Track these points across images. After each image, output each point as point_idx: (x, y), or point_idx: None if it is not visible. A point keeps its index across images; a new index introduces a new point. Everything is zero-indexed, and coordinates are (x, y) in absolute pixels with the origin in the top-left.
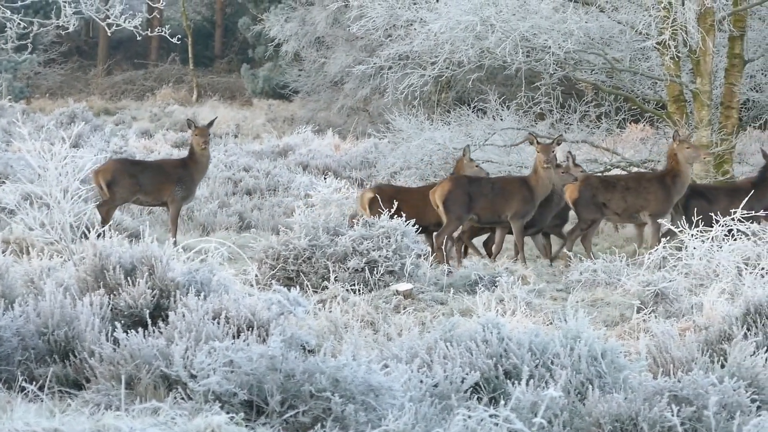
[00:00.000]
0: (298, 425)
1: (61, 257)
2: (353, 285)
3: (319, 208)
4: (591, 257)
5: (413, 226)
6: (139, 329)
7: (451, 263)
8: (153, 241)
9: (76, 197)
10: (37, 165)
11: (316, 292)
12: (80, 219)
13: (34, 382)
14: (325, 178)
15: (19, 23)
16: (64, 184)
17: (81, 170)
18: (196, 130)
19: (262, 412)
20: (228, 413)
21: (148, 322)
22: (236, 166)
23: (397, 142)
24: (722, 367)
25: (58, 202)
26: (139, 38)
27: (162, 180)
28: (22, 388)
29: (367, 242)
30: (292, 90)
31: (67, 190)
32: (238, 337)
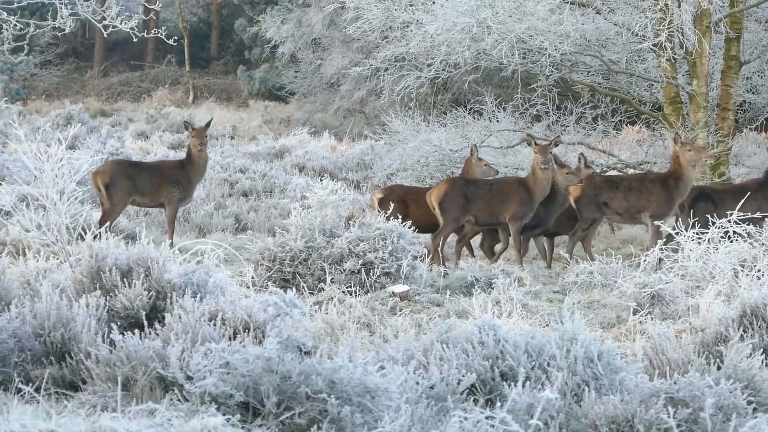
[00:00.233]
0: (295, 427)
1: (57, 259)
2: (349, 287)
3: (315, 210)
4: (591, 258)
5: (421, 226)
6: (136, 331)
7: (448, 265)
8: (149, 242)
9: (72, 199)
10: (34, 166)
11: (312, 294)
12: (76, 220)
13: (30, 384)
14: (322, 180)
15: (16, 25)
16: (61, 185)
17: (77, 172)
18: (193, 132)
19: (259, 414)
20: (224, 415)
21: (145, 323)
22: (232, 168)
23: (393, 144)
24: (718, 369)
25: (55, 204)
26: (136, 40)
27: (160, 181)
28: (19, 390)
29: (364, 244)
30: (289, 92)
31: (63, 191)
32: (234, 339)
